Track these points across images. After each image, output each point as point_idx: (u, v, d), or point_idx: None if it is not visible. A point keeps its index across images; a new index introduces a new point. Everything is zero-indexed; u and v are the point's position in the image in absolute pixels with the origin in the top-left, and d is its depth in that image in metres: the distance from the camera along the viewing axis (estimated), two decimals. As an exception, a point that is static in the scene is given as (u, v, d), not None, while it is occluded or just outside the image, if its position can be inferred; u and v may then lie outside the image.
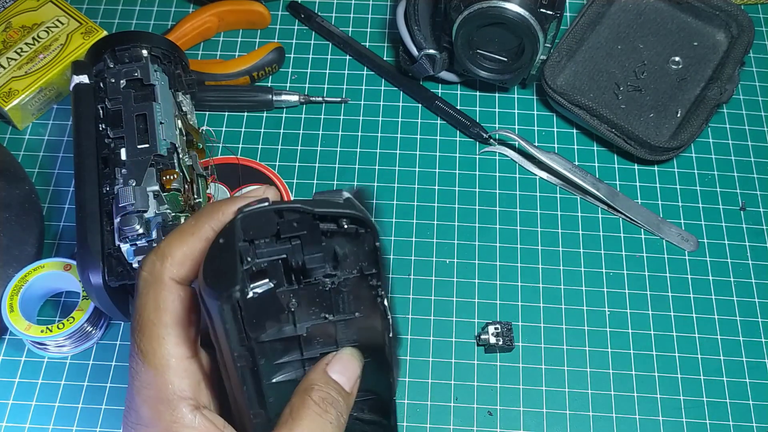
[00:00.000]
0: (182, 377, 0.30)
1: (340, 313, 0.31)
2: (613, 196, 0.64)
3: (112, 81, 0.56)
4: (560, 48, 0.68)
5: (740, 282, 0.61)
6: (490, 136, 0.67)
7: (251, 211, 0.28)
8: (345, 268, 0.30)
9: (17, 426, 0.55)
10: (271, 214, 0.28)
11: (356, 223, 0.29)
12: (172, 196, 0.52)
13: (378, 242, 0.29)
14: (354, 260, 0.30)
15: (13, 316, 0.55)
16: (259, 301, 0.29)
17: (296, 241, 0.29)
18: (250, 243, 0.28)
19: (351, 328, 0.32)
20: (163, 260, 0.30)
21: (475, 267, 0.62)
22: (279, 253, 0.29)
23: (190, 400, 0.30)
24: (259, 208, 0.28)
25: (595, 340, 0.59)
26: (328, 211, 0.28)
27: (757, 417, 0.56)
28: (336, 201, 0.30)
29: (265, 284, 0.29)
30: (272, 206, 0.28)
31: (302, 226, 0.28)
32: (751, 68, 0.72)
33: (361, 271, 0.30)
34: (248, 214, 0.28)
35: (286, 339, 0.31)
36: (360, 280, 0.30)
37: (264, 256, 0.29)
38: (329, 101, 0.69)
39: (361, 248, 0.30)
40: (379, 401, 0.34)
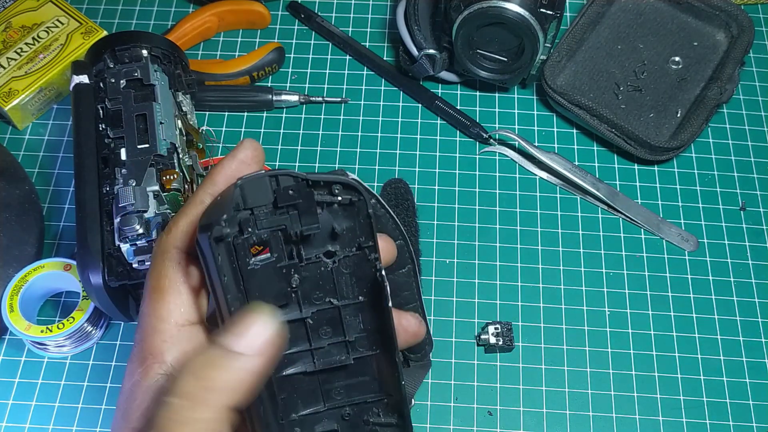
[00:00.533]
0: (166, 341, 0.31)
1: (345, 297, 0.32)
2: (613, 196, 0.64)
3: (112, 81, 0.56)
4: (560, 48, 0.68)
5: (740, 282, 0.61)
6: (490, 136, 0.67)
7: (248, 177, 0.29)
8: (344, 245, 0.31)
9: (17, 426, 0.55)
10: (266, 181, 0.29)
11: (349, 191, 0.30)
12: (172, 196, 0.52)
13: (370, 209, 0.30)
14: (352, 237, 0.31)
15: (13, 316, 0.55)
16: (261, 274, 0.30)
17: (293, 210, 0.30)
18: (251, 212, 0.29)
19: (357, 315, 0.32)
20: (168, 233, 0.32)
21: (475, 267, 0.62)
22: (278, 223, 0.30)
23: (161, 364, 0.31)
24: (254, 174, 0.29)
25: (595, 340, 0.59)
26: (319, 175, 0.30)
27: (757, 417, 0.56)
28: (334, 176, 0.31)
29: (266, 257, 0.30)
30: (268, 172, 0.29)
31: (298, 194, 0.30)
32: (751, 68, 0.72)
33: (359, 246, 0.31)
34: (246, 180, 0.29)
35: (293, 328, 0.31)
36: (361, 261, 0.31)
37: (264, 227, 0.30)
38: (329, 101, 0.69)
39: (357, 222, 0.31)
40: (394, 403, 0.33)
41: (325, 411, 0.33)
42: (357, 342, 0.32)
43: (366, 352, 0.33)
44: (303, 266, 0.31)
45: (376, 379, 0.33)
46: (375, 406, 0.33)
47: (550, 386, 0.57)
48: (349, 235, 0.31)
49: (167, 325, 0.31)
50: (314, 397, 0.33)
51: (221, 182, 0.32)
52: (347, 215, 0.31)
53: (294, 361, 0.32)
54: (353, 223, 0.31)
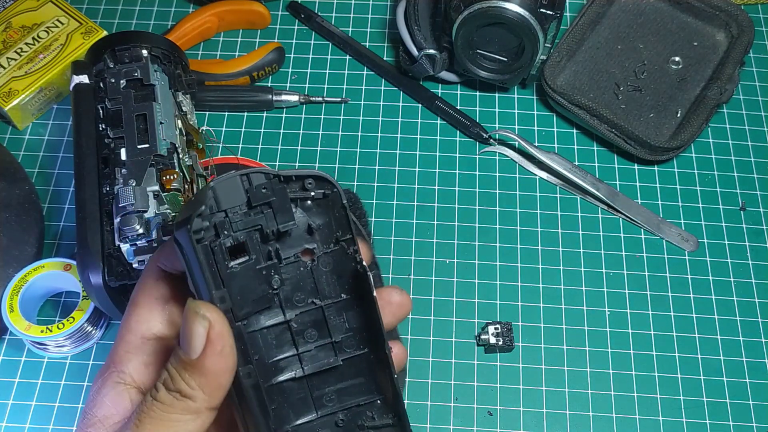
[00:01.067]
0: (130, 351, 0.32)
1: (327, 297, 0.32)
2: (613, 196, 0.64)
3: (112, 81, 0.56)
4: (560, 48, 0.68)
5: (740, 282, 0.61)
6: (490, 136, 0.67)
7: (220, 180, 0.29)
8: (322, 242, 0.31)
9: (17, 426, 0.55)
10: (237, 181, 0.29)
11: (321, 184, 0.30)
12: (172, 196, 0.52)
13: (344, 200, 0.30)
14: (329, 232, 0.31)
15: (13, 316, 0.55)
16: (240, 277, 0.30)
17: (268, 209, 0.30)
18: (225, 215, 0.30)
19: (341, 315, 0.32)
20: (158, 251, 0.33)
21: (475, 267, 0.62)
22: (253, 223, 0.30)
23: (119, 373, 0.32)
24: (225, 176, 0.29)
25: (595, 340, 0.59)
26: (290, 172, 0.30)
27: (757, 417, 0.56)
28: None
29: (245, 259, 0.30)
30: (238, 173, 0.30)
31: (271, 191, 0.30)
32: (751, 68, 0.72)
33: (337, 241, 0.31)
34: (217, 182, 0.29)
35: (278, 333, 0.31)
36: (340, 256, 0.31)
37: (239, 228, 0.30)
38: (329, 101, 0.69)
39: (333, 216, 0.31)
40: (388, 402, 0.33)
41: (318, 419, 0.33)
42: (344, 342, 0.32)
43: (354, 351, 0.32)
44: (283, 267, 0.31)
45: (367, 379, 0.33)
46: (368, 409, 0.33)
47: (550, 386, 0.57)
48: (325, 231, 0.31)
49: (132, 336, 0.32)
50: (306, 406, 0.32)
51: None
52: (322, 211, 0.31)
53: (282, 369, 0.32)
54: (329, 218, 0.31)
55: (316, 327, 0.32)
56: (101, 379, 0.32)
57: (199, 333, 0.28)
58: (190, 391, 0.29)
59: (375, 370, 0.33)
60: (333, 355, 0.32)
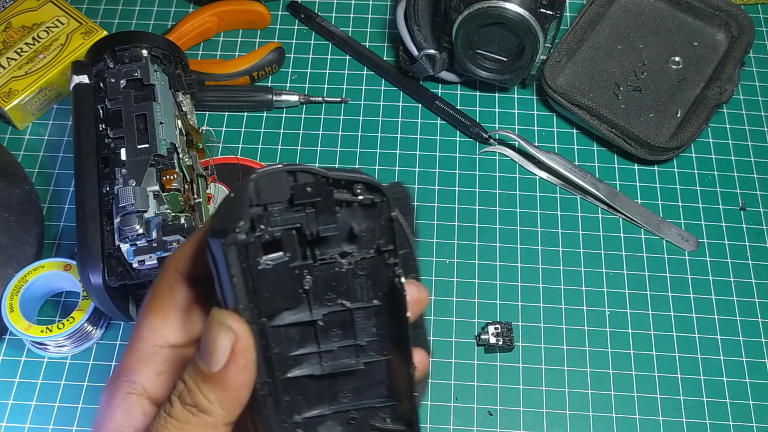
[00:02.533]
0: (141, 360, 0.31)
1: (358, 300, 0.30)
2: (613, 196, 0.64)
3: (112, 81, 0.56)
4: (560, 48, 0.68)
5: (740, 282, 0.61)
6: (490, 136, 0.67)
7: (264, 172, 0.27)
8: (361, 247, 0.29)
9: (17, 426, 0.55)
10: (283, 176, 0.27)
11: (371, 191, 0.28)
12: (172, 196, 0.52)
13: (393, 212, 0.28)
14: (371, 238, 0.29)
15: (13, 316, 0.55)
16: (271, 274, 0.28)
17: (310, 208, 0.28)
18: (264, 209, 0.28)
19: (371, 319, 0.31)
20: (173, 254, 0.32)
21: (475, 267, 0.62)
22: (293, 222, 0.28)
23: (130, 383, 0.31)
24: (271, 169, 0.27)
25: (595, 340, 0.59)
26: (341, 174, 0.28)
27: (757, 417, 0.56)
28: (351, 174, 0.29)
29: (278, 256, 0.28)
30: (285, 167, 0.27)
31: (316, 192, 0.28)
32: (751, 68, 0.72)
33: (377, 249, 0.29)
34: (261, 175, 0.27)
35: (301, 328, 0.30)
36: (378, 263, 0.29)
37: (278, 224, 0.28)
38: (329, 101, 0.69)
39: (378, 224, 0.29)
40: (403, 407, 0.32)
41: (331, 414, 0.32)
42: (368, 346, 0.31)
43: (377, 356, 0.31)
44: (316, 266, 0.29)
45: (386, 383, 0.32)
46: (382, 411, 0.32)
47: (550, 386, 0.57)
48: (367, 235, 0.29)
49: (145, 344, 0.31)
50: (319, 399, 0.32)
51: None
52: (367, 215, 0.29)
53: (300, 363, 0.31)
54: (373, 224, 0.29)
55: (341, 327, 0.31)
56: (111, 389, 0.31)
57: (223, 345, 0.27)
58: (208, 405, 0.28)
59: (395, 377, 0.32)
60: (355, 357, 0.31)
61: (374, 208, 0.29)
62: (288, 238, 0.29)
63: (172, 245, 0.50)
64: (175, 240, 0.50)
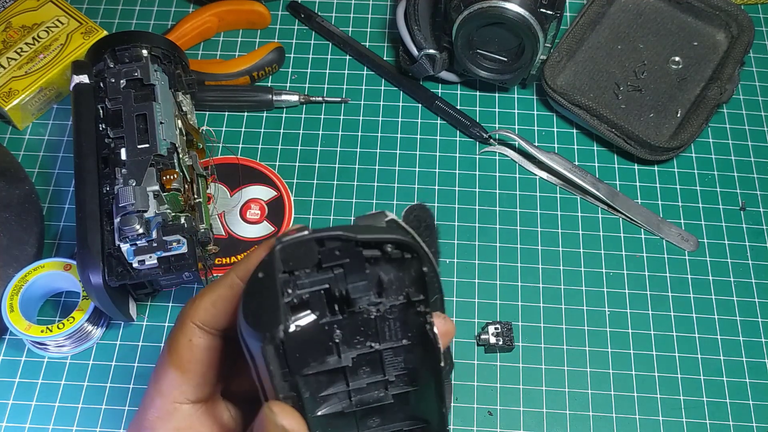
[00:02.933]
0: (162, 417, 0.31)
1: (387, 340, 0.29)
2: (613, 196, 0.64)
3: (112, 81, 0.56)
4: (560, 48, 0.68)
5: (740, 282, 0.61)
6: (490, 136, 0.67)
7: (290, 241, 0.26)
8: (390, 295, 0.28)
9: (17, 426, 0.55)
10: (311, 244, 0.27)
11: (402, 249, 0.28)
12: (172, 196, 0.52)
13: (425, 267, 0.28)
14: (400, 285, 0.28)
15: (13, 316, 0.55)
16: (301, 335, 0.28)
17: (339, 269, 0.27)
18: (290, 274, 0.27)
19: (399, 355, 0.30)
20: (191, 302, 0.31)
21: (475, 267, 0.62)
22: (321, 283, 0.27)
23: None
24: (297, 237, 0.26)
25: (595, 340, 0.59)
26: (371, 237, 0.27)
27: (757, 417, 0.56)
28: (378, 225, 0.29)
29: (307, 316, 0.28)
30: (312, 235, 0.27)
31: (345, 253, 0.27)
32: (751, 68, 0.72)
33: (407, 297, 0.28)
34: (287, 244, 0.26)
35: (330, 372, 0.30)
36: (407, 305, 0.29)
37: (305, 287, 0.27)
38: (329, 101, 0.69)
39: (408, 272, 0.28)
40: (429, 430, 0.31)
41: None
42: (397, 380, 0.30)
43: (405, 387, 0.31)
44: (345, 317, 0.29)
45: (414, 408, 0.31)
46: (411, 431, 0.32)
47: (550, 386, 0.57)
48: (397, 283, 0.28)
49: (164, 400, 0.31)
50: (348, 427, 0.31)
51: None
52: (396, 264, 0.28)
53: (328, 400, 0.30)
54: (402, 272, 0.28)
55: (370, 364, 0.30)
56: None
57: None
58: None
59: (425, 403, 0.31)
60: (384, 391, 0.30)
61: (404, 261, 0.28)
62: (316, 298, 0.28)
63: (172, 245, 0.50)
64: (175, 240, 0.50)
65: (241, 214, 0.64)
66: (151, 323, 0.59)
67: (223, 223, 0.63)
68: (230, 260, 0.61)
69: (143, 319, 0.59)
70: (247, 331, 0.26)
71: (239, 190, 0.65)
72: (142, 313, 0.60)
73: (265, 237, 0.62)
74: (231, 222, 0.63)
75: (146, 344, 0.58)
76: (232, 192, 0.65)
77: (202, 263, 0.54)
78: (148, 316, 0.59)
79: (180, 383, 0.31)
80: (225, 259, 0.61)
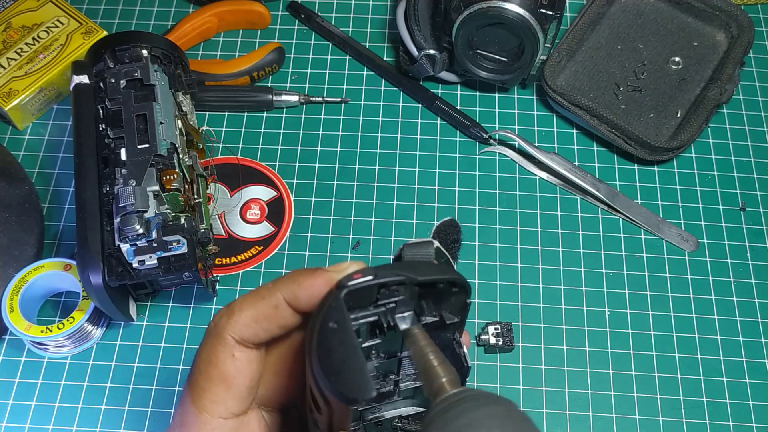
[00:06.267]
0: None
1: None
2: (613, 196, 0.64)
3: (112, 81, 0.56)
4: (560, 48, 0.68)
5: (740, 282, 0.61)
6: (490, 136, 0.67)
7: (356, 287, 0.27)
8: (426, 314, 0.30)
9: (17, 426, 0.55)
10: (373, 288, 0.28)
11: (454, 285, 0.29)
12: (172, 196, 0.52)
13: (469, 300, 0.29)
14: (434, 306, 0.30)
15: (13, 316, 0.55)
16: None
17: (392, 305, 0.28)
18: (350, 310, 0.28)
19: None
20: (229, 317, 0.31)
21: (475, 267, 0.62)
22: (372, 316, 0.28)
23: None
24: (363, 283, 0.27)
25: (595, 340, 0.59)
26: (432, 279, 0.28)
27: (757, 417, 0.56)
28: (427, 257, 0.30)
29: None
30: (377, 280, 0.27)
31: (400, 291, 0.28)
32: (751, 68, 0.72)
33: (441, 318, 0.30)
34: (352, 290, 0.27)
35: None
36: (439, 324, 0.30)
37: (358, 320, 0.28)
38: (329, 101, 0.69)
39: (447, 299, 0.29)
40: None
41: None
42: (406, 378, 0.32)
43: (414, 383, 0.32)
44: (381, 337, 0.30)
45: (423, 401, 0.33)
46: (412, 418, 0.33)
47: (550, 386, 0.57)
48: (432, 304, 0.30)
49: (210, 417, 0.30)
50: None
51: (304, 297, 0.30)
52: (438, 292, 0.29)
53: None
54: (440, 298, 0.30)
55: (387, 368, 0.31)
56: None
57: None
58: None
59: None
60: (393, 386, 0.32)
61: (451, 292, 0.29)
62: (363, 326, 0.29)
63: (172, 245, 0.50)
64: (175, 240, 0.50)
65: (241, 214, 0.64)
66: (151, 323, 0.59)
67: (223, 223, 0.63)
68: (230, 260, 0.61)
69: (143, 319, 0.59)
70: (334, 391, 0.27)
71: (239, 190, 0.65)
72: (142, 313, 0.60)
73: (265, 237, 0.62)
74: (231, 222, 0.63)
75: (146, 344, 0.58)
76: (232, 192, 0.65)
77: (202, 263, 0.54)
78: (148, 316, 0.59)
79: (225, 398, 0.30)
80: (225, 259, 0.61)
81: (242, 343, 0.30)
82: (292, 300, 0.30)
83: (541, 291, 0.61)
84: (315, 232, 0.63)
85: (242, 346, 0.30)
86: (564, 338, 0.59)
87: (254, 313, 0.30)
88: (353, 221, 0.64)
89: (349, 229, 0.63)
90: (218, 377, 0.30)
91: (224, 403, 0.30)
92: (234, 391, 0.31)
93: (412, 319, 0.29)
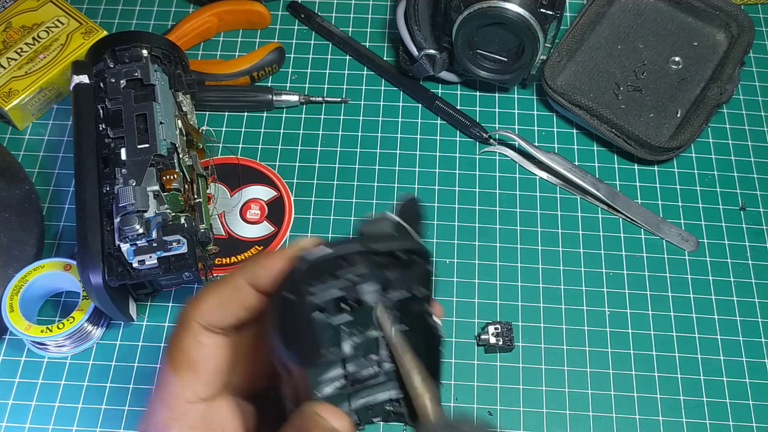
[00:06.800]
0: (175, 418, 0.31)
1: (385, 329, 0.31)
2: (613, 196, 0.64)
3: (112, 81, 0.56)
4: (560, 48, 0.68)
5: (740, 282, 0.61)
6: (490, 136, 0.67)
7: (316, 260, 0.28)
8: (395, 290, 0.30)
9: (17, 426, 0.55)
10: (333, 260, 0.28)
11: (413, 253, 0.30)
12: (172, 196, 0.52)
13: (431, 267, 0.30)
14: (402, 281, 0.30)
15: (13, 316, 0.55)
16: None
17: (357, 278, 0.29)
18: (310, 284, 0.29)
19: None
20: (193, 305, 0.31)
21: (475, 267, 0.62)
22: (337, 291, 0.29)
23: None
24: (323, 255, 0.28)
25: (595, 340, 0.59)
26: (389, 247, 0.29)
27: (757, 417, 0.56)
28: (386, 230, 0.30)
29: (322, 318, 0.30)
30: (336, 252, 0.28)
31: (360, 263, 0.29)
32: (751, 68, 0.72)
33: (411, 293, 0.30)
34: (312, 263, 0.28)
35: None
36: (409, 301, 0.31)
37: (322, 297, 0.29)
38: (329, 101, 0.69)
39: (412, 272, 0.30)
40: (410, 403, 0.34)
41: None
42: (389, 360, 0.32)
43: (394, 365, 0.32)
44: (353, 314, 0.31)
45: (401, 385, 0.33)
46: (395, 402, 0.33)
47: (550, 386, 0.57)
48: (400, 280, 0.30)
49: (176, 401, 0.31)
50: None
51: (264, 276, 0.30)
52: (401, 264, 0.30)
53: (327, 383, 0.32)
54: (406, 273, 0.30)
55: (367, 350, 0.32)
56: None
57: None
58: None
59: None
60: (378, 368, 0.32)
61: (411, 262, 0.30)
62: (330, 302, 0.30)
63: (172, 245, 0.50)
64: (175, 240, 0.50)
65: (241, 214, 0.64)
66: (151, 323, 0.59)
67: (223, 223, 0.63)
68: (230, 260, 0.61)
69: (143, 319, 0.59)
70: (289, 356, 0.28)
71: (239, 190, 0.65)
72: (142, 313, 0.60)
73: (265, 237, 0.62)
74: (231, 222, 0.63)
75: (146, 344, 0.58)
76: (232, 192, 0.65)
77: (202, 263, 0.54)
78: (148, 316, 0.59)
79: (192, 383, 0.31)
80: (225, 259, 0.61)
81: (209, 329, 0.31)
82: (253, 280, 0.31)
83: (541, 291, 0.61)
84: (315, 232, 0.63)
85: (209, 331, 0.31)
86: (564, 338, 0.59)
87: (217, 297, 0.31)
88: (353, 221, 0.64)
89: (349, 230, 0.63)
90: (185, 362, 0.31)
91: (191, 387, 0.31)
92: (200, 376, 0.31)
93: (379, 292, 0.30)
